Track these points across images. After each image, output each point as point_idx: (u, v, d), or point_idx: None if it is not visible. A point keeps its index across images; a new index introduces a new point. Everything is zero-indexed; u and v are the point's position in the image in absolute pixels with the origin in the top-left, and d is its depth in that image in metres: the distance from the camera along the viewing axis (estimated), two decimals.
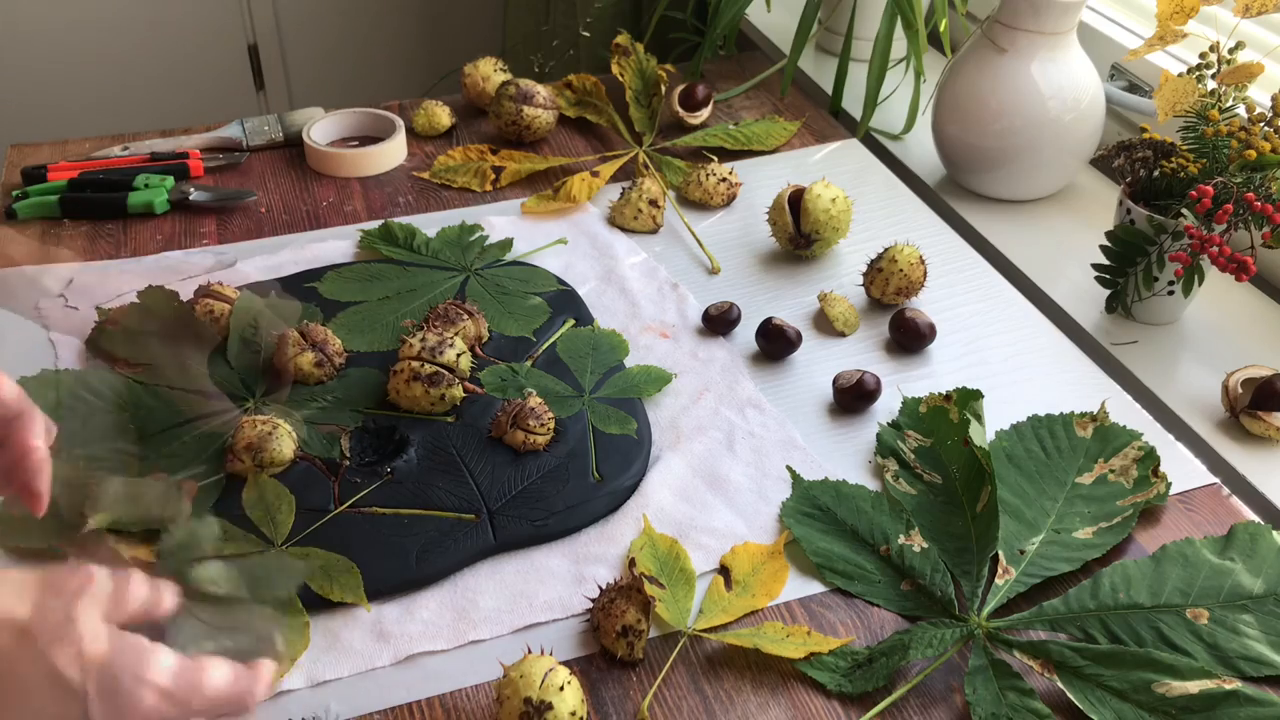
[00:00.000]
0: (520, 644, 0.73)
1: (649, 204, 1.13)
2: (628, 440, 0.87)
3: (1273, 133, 0.89)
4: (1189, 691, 0.67)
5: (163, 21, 2.17)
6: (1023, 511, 0.80)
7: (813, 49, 1.54)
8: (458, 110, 1.34)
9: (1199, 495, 0.84)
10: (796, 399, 0.93)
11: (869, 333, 1.00)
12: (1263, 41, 1.07)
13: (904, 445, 0.86)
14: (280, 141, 1.27)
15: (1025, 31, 1.10)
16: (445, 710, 0.70)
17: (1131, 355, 0.98)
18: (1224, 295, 1.04)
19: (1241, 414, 0.89)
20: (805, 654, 0.71)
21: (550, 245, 1.10)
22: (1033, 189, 1.18)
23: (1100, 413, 0.87)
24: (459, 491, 0.82)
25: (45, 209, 1.14)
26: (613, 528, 0.81)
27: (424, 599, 0.76)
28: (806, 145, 1.29)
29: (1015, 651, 0.71)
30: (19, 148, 1.26)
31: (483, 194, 1.19)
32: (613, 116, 1.28)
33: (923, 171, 1.26)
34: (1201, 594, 0.74)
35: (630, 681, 0.71)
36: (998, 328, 1.01)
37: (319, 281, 1.03)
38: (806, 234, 1.06)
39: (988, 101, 1.13)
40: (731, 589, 0.77)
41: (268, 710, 0.69)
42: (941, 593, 0.76)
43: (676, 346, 0.98)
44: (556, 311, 1.00)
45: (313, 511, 0.80)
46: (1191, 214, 0.91)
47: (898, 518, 0.81)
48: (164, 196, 1.15)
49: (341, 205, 1.17)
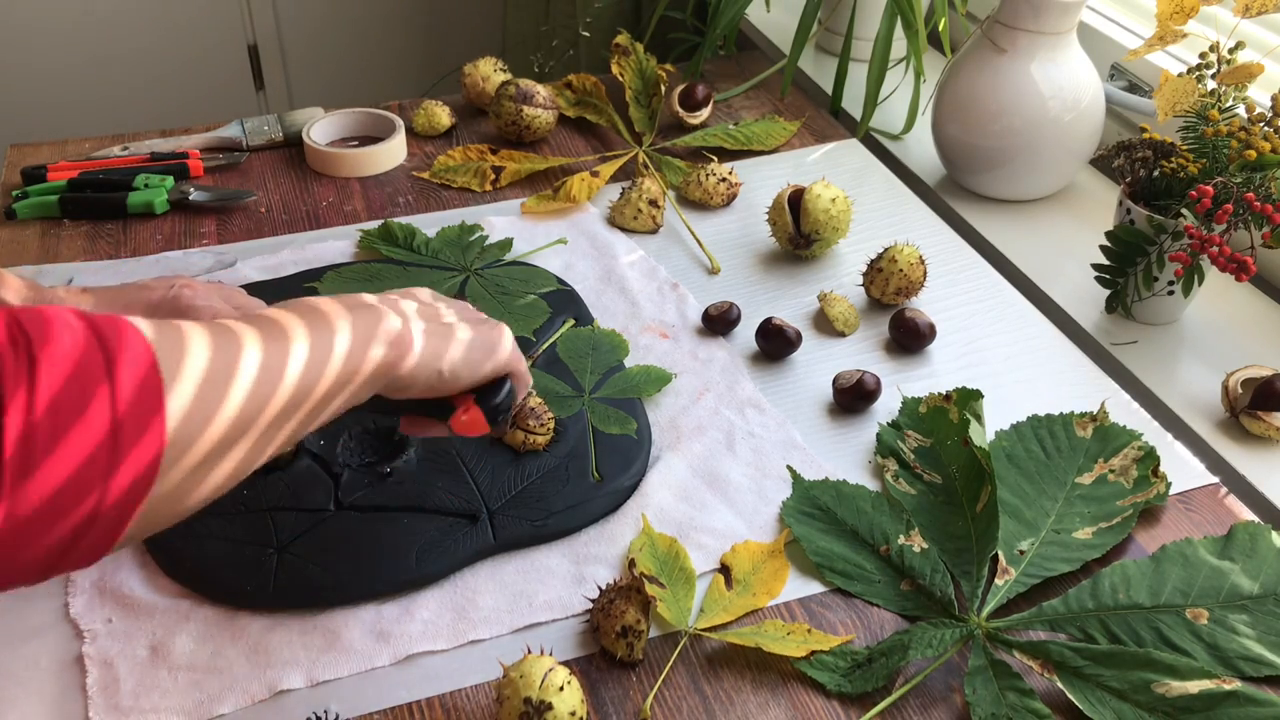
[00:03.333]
0: (520, 644, 0.73)
1: (649, 204, 1.13)
2: (628, 440, 0.87)
3: (1273, 133, 0.89)
4: (1189, 692, 0.67)
5: (163, 21, 2.17)
6: (1022, 512, 0.80)
7: (813, 49, 1.54)
8: (458, 110, 1.34)
9: (1199, 495, 0.84)
10: (796, 399, 0.93)
11: (869, 333, 1.00)
12: (1263, 41, 1.07)
13: (904, 445, 0.86)
14: (280, 141, 1.27)
15: (1025, 31, 1.10)
16: (445, 710, 0.70)
17: (1131, 355, 0.98)
18: (1224, 295, 1.04)
19: (1241, 414, 0.89)
20: (806, 652, 0.71)
21: (550, 245, 1.10)
22: (1033, 189, 1.18)
23: (1100, 413, 0.87)
24: (459, 491, 0.82)
25: (45, 209, 1.14)
26: (613, 528, 0.81)
27: (424, 599, 0.76)
28: (806, 145, 1.29)
29: (1015, 652, 0.71)
30: (19, 148, 1.26)
31: (483, 194, 1.19)
32: (613, 116, 1.28)
33: (923, 171, 1.26)
34: (1201, 594, 0.74)
35: (630, 681, 0.71)
36: (998, 328, 1.01)
37: (319, 281, 1.03)
38: (806, 234, 1.06)
39: (988, 101, 1.13)
40: (732, 588, 0.77)
41: (268, 710, 0.69)
42: (941, 593, 0.76)
43: (676, 346, 0.98)
44: (556, 311, 1.00)
45: (313, 511, 0.80)
46: (1191, 214, 0.91)
47: (898, 518, 0.81)
48: (164, 196, 1.15)
49: (341, 205, 1.17)
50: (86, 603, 0.75)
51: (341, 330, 0.61)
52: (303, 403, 0.57)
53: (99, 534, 0.48)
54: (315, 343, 0.59)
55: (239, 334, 0.55)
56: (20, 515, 0.44)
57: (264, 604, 0.75)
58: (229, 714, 0.69)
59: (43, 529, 0.45)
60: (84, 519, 0.46)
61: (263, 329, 0.57)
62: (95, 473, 0.46)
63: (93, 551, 0.48)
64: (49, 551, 0.46)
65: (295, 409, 0.57)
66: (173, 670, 0.71)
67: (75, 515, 0.46)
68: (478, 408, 0.70)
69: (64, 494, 0.45)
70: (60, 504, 0.45)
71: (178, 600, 0.76)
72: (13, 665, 0.71)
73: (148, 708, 0.69)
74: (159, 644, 0.73)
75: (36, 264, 1.08)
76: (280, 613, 0.75)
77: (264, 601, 0.75)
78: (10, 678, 0.71)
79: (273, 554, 0.77)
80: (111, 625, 0.74)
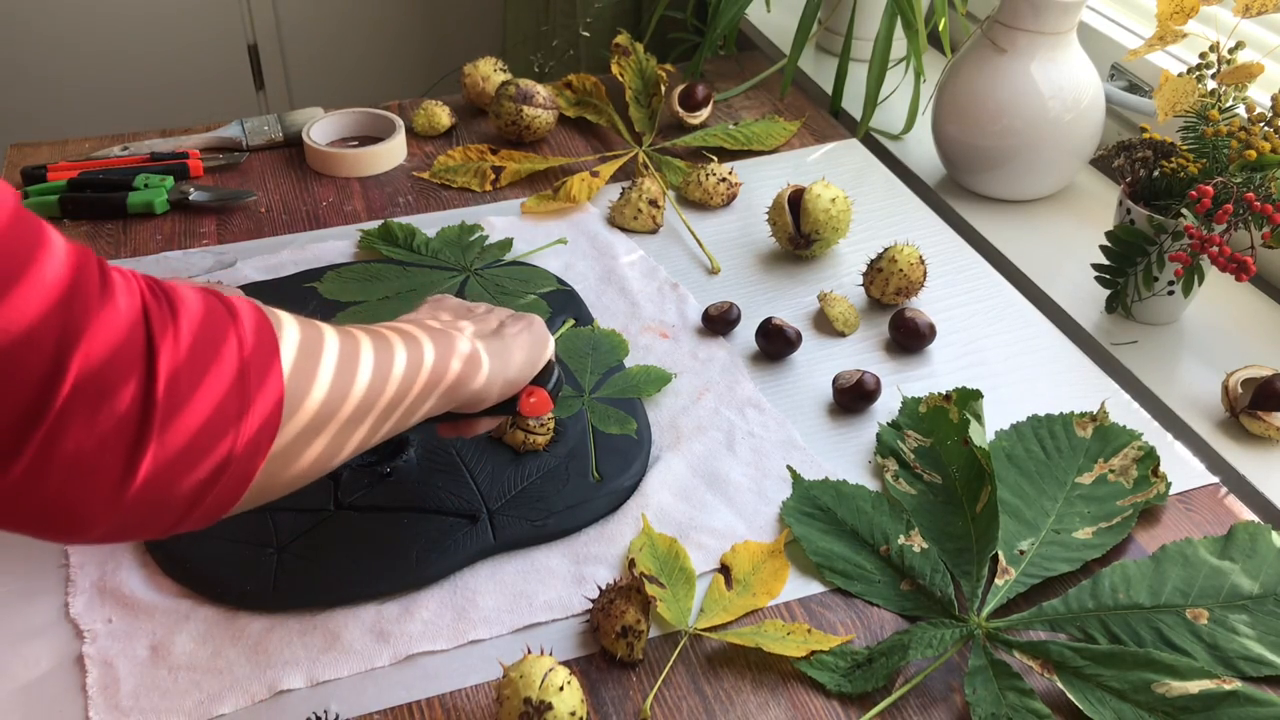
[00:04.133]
0: (520, 644, 0.73)
1: (649, 204, 1.13)
2: (627, 440, 0.87)
3: (1273, 133, 0.89)
4: (1189, 692, 0.67)
5: (163, 21, 2.17)
6: (1022, 511, 0.80)
7: (813, 49, 1.54)
8: (458, 110, 1.34)
9: (1199, 495, 0.84)
10: (796, 399, 0.93)
11: (869, 333, 1.00)
12: (1263, 41, 1.07)
13: (904, 445, 0.86)
14: (280, 141, 1.27)
15: (1025, 31, 1.10)
16: (445, 710, 0.70)
17: (1131, 355, 0.98)
18: (1224, 295, 1.04)
19: (1241, 414, 0.89)
20: (806, 652, 0.71)
21: (550, 245, 1.10)
22: (1033, 189, 1.18)
23: (1100, 413, 0.87)
24: (459, 491, 0.82)
25: (45, 209, 1.14)
26: (613, 528, 0.81)
27: (424, 599, 0.76)
28: (806, 145, 1.29)
29: (1015, 652, 0.71)
30: (19, 148, 1.26)
31: (483, 194, 1.19)
32: (613, 116, 1.28)
33: (922, 171, 1.26)
34: (1201, 594, 0.74)
35: (630, 681, 0.71)
36: (998, 328, 1.01)
37: (319, 281, 1.03)
38: (806, 234, 1.06)
39: (988, 101, 1.13)
40: (732, 588, 0.77)
41: (268, 710, 0.69)
42: (941, 593, 0.75)
43: (676, 346, 0.98)
44: (556, 311, 1.00)
45: (313, 511, 0.80)
46: (1191, 214, 0.91)
47: (898, 518, 0.81)
48: (164, 196, 1.15)
49: (341, 205, 1.17)
50: (86, 603, 0.75)
51: (427, 344, 0.66)
52: (403, 398, 0.62)
53: (229, 482, 0.49)
54: (411, 349, 0.64)
55: (322, 328, 0.59)
56: (164, 458, 0.46)
57: (264, 604, 0.75)
58: (229, 714, 0.69)
59: (183, 471, 0.47)
60: (219, 463, 0.48)
61: (361, 331, 0.62)
62: (230, 414, 0.48)
63: (218, 505, 0.50)
64: (183, 500, 0.48)
65: (398, 403, 0.62)
66: (173, 670, 0.71)
67: (212, 459, 0.48)
68: (541, 390, 0.76)
69: (203, 435, 0.47)
70: (200, 445, 0.47)
71: (178, 600, 0.76)
72: (13, 665, 0.71)
73: (148, 708, 0.69)
74: (159, 644, 0.73)
75: None
76: (280, 613, 0.75)
77: (264, 601, 0.75)
78: (10, 678, 0.71)
79: (273, 554, 0.77)
80: (111, 625, 0.74)
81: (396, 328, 0.66)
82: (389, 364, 0.61)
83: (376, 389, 0.59)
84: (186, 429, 0.46)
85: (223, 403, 0.48)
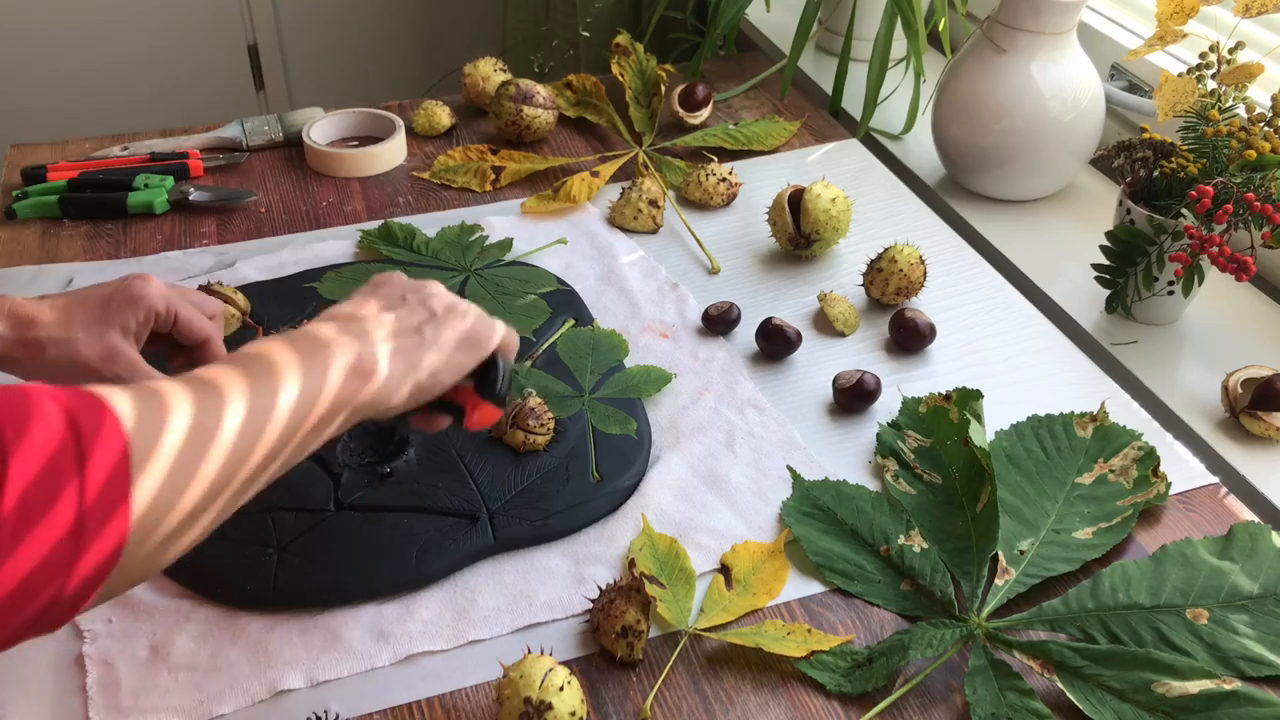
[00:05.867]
0: (520, 644, 0.73)
1: (649, 204, 1.13)
2: (627, 440, 0.87)
3: (1273, 133, 0.89)
4: (1189, 691, 0.67)
5: (163, 22, 2.17)
6: (1022, 512, 0.80)
7: (813, 49, 1.54)
8: (458, 110, 1.34)
9: (1199, 495, 0.84)
10: (796, 399, 0.93)
11: (869, 333, 1.00)
12: (1263, 41, 1.07)
13: (904, 445, 0.86)
14: (280, 141, 1.27)
15: (1025, 31, 1.10)
16: (445, 710, 0.70)
17: (1131, 355, 0.98)
18: (1224, 295, 1.04)
19: (1241, 414, 0.89)
20: (806, 652, 0.71)
21: (550, 245, 1.10)
22: (1033, 189, 1.18)
23: (1100, 413, 0.87)
24: (459, 491, 0.82)
25: (45, 209, 1.14)
26: (613, 528, 0.81)
27: (424, 599, 0.76)
28: (806, 145, 1.29)
29: (1015, 652, 0.71)
30: (19, 148, 1.26)
31: (483, 194, 1.19)
32: (613, 116, 1.28)
33: (923, 171, 1.26)
34: (1201, 594, 0.74)
35: (630, 681, 0.71)
36: (998, 328, 1.01)
37: (318, 281, 1.03)
38: (806, 234, 1.06)
39: (988, 101, 1.13)
40: (732, 588, 0.77)
41: (268, 710, 0.69)
42: (941, 593, 0.75)
43: (676, 346, 0.98)
44: (556, 311, 1.00)
45: (313, 511, 0.80)
46: (1191, 214, 0.91)
47: (898, 518, 0.81)
48: (164, 196, 1.15)
49: (341, 205, 1.17)
50: None
51: (290, 382, 0.59)
52: (277, 454, 0.57)
53: (60, 612, 0.48)
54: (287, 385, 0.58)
55: (223, 390, 0.55)
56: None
57: (264, 604, 0.75)
58: (229, 714, 0.69)
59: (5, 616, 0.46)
60: (45, 604, 0.47)
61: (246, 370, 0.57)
62: (58, 564, 0.47)
63: (54, 624, 0.49)
64: (12, 630, 0.47)
65: (268, 464, 0.57)
66: (173, 670, 0.71)
67: (37, 602, 0.47)
68: (485, 402, 0.70)
69: (27, 585, 0.46)
70: (22, 594, 0.46)
71: (178, 600, 0.76)
72: (13, 665, 0.71)
73: (148, 708, 0.69)
74: (159, 644, 0.73)
75: (36, 264, 1.08)
76: (280, 613, 0.75)
77: (264, 601, 0.75)
78: (10, 678, 0.70)
79: (273, 554, 0.77)
80: (111, 625, 0.74)
81: (274, 354, 0.60)
82: (261, 424, 0.56)
83: (248, 456, 0.56)
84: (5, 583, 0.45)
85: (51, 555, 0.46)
